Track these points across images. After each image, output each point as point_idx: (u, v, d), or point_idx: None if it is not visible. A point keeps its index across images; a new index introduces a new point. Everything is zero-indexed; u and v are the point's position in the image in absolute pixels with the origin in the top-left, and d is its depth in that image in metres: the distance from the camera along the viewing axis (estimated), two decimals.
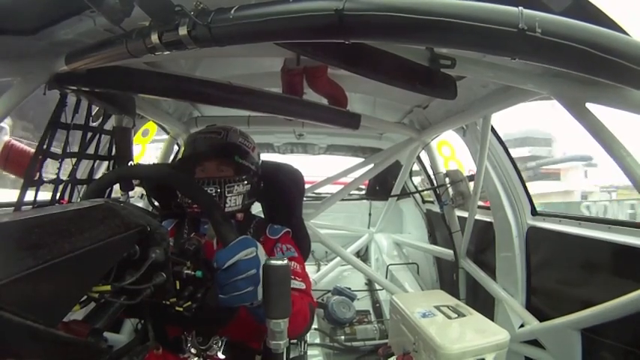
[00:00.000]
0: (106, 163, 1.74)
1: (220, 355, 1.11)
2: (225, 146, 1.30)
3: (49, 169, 1.38)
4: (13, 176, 1.51)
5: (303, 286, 1.21)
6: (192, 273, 0.83)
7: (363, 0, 0.77)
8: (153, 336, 0.93)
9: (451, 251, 2.65)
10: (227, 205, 1.23)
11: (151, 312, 0.98)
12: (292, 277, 1.05)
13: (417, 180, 3.72)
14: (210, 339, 1.14)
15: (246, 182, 1.27)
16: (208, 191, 1.19)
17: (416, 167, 3.29)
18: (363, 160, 3.23)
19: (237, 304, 0.87)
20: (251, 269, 0.83)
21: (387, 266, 3.37)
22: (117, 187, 1.56)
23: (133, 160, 1.78)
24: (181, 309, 0.83)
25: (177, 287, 0.80)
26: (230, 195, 1.23)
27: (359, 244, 3.80)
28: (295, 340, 1.65)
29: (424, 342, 1.60)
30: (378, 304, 3.24)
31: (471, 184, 2.40)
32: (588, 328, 1.53)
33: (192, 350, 1.12)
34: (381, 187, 4.05)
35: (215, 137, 1.31)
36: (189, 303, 0.83)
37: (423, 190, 3.38)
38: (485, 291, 2.25)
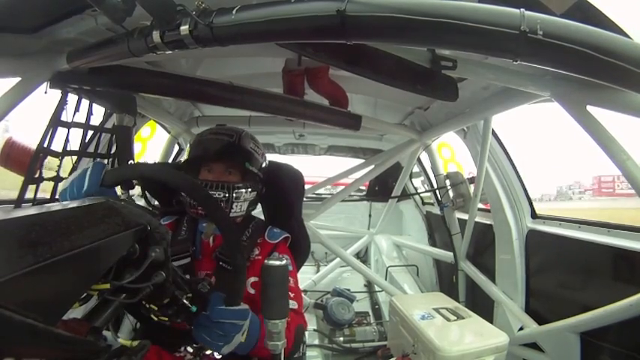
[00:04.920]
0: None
1: (217, 355, 1.11)
2: (237, 150, 1.28)
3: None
4: None
5: (295, 305, 1.20)
6: (189, 305, 0.86)
7: (364, 1, 0.77)
8: (112, 330, 0.95)
9: (451, 253, 2.65)
10: (232, 211, 1.22)
11: (134, 311, 1.00)
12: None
13: (417, 182, 3.72)
14: None
15: (251, 190, 1.27)
16: (216, 194, 1.18)
17: (416, 169, 3.29)
18: (363, 161, 3.23)
19: (204, 344, 0.94)
20: (231, 333, 0.91)
21: (387, 268, 3.36)
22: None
23: (133, 159, 1.78)
24: (156, 318, 0.86)
25: (165, 302, 0.82)
26: (237, 201, 1.22)
27: (359, 246, 3.81)
28: None
29: (423, 344, 1.60)
30: (377, 306, 3.23)
31: (472, 187, 2.40)
32: (587, 332, 1.53)
33: (189, 349, 1.12)
34: (381, 189, 4.05)
35: (227, 140, 1.29)
36: (166, 319, 0.86)
37: (423, 192, 3.38)
38: (484, 293, 2.24)
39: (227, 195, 1.19)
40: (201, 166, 1.27)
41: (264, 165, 1.37)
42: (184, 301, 0.84)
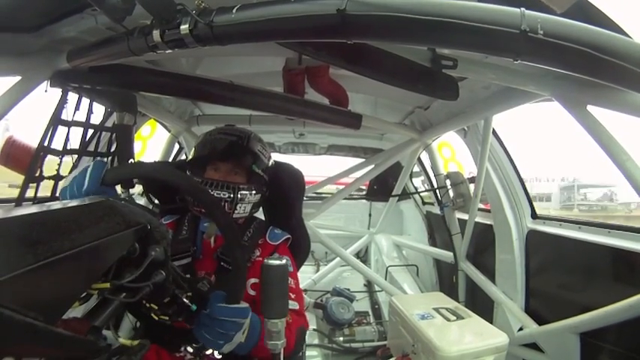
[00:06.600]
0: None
1: (217, 355, 1.11)
2: (245, 152, 1.29)
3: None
4: None
5: (296, 306, 1.20)
6: (189, 304, 0.86)
7: (365, 0, 0.77)
8: (112, 330, 0.94)
9: (451, 253, 2.65)
10: (236, 212, 1.22)
11: (135, 310, 1.00)
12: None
13: (417, 181, 3.72)
14: None
15: (256, 192, 1.27)
16: (221, 194, 1.18)
17: (416, 168, 3.29)
18: (363, 160, 3.22)
19: (204, 344, 0.94)
20: (232, 331, 0.91)
21: (387, 267, 3.36)
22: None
23: (134, 158, 1.77)
24: (156, 317, 0.85)
25: (165, 301, 0.82)
26: (241, 202, 1.22)
27: (359, 245, 3.81)
28: None
29: (423, 344, 1.59)
30: (377, 306, 3.24)
31: (472, 186, 2.40)
32: (587, 332, 1.53)
33: (189, 349, 1.12)
34: (381, 188, 4.05)
35: (235, 140, 1.30)
36: (166, 318, 0.86)
37: (423, 192, 3.38)
38: (484, 294, 2.24)
39: (232, 195, 1.20)
40: (207, 165, 1.28)
41: (269, 167, 1.37)
42: (184, 299, 0.84)
